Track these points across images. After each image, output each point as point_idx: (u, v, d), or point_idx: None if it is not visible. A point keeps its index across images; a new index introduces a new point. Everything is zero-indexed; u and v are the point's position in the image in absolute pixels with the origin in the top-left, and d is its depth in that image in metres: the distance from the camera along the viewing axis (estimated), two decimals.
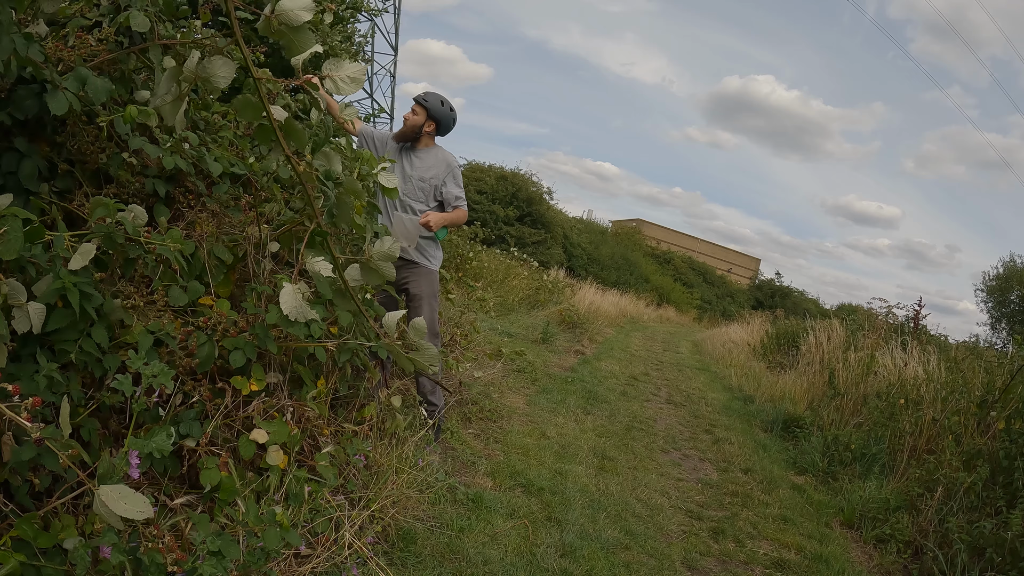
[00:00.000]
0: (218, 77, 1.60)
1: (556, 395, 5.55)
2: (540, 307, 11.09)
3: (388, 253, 1.92)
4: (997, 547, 3.01)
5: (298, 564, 1.94)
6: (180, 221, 2.28)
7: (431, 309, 3.34)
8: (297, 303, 1.79)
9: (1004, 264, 27.25)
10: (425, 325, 2.11)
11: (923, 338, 7.39)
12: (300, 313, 1.83)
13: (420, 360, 2.06)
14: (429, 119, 3.31)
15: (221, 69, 1.60)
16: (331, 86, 1.62)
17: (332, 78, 1.60)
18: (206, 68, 1.59)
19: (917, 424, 4.62)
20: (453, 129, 3.43)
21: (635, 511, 3.35)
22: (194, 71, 1.60)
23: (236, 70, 1.66)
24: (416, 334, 2.10)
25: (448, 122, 3.36)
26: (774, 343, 10.29)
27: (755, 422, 6.22)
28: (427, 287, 3.33)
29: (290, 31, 1.50)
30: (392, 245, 1.94)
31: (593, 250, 22.94)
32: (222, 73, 1.60)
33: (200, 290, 2.06)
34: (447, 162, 3.33)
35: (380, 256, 1.92)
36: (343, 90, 1.62)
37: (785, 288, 33.46)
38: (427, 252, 3.35)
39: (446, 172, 3.31)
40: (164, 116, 1.73)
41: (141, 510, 1.20)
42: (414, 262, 3.31)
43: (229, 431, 2.05)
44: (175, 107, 1.70)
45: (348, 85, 1.61)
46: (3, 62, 1.68)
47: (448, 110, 3.32)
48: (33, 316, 1.50)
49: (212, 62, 1.59)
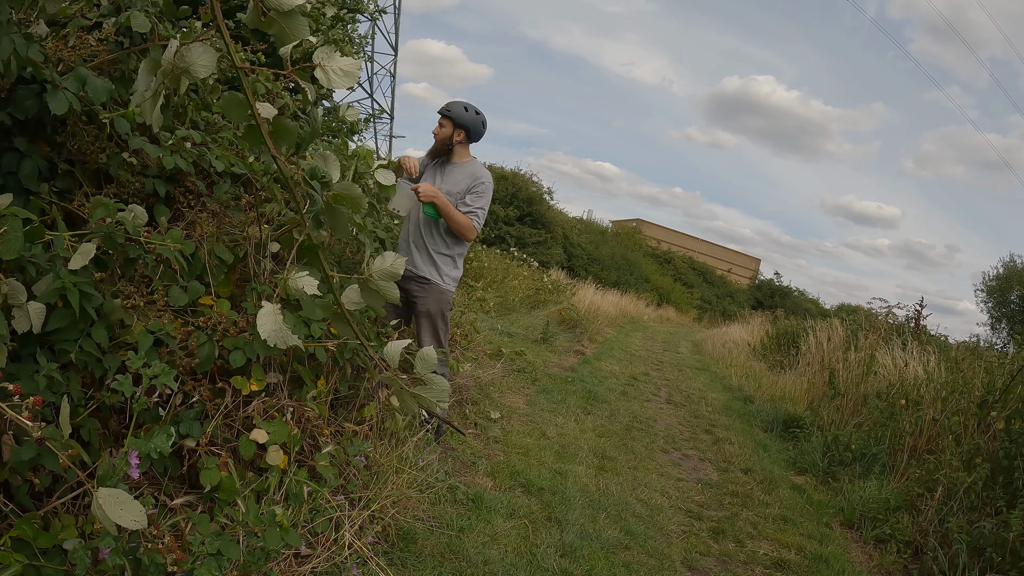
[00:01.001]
0: (197, 66, 1.47)
1: (556, 395, 5.55)
2: (540, 307, 11.10)
3: (390, 271, 1.69)
4: (997, 547, 3.01)
5: (298, 564, 1.94)
6: (180, 221, 2.28)
7: (434, 329, 3.17)
8: (277, 327, 1.55)
9: (1004, 264, 27.25)
10: (435, 356, 1.80)
11: (923, 338, 7.40)
12: (280, 338, 1.56)
13: (426, 396, 1.75)
14: (456, 128, 3.21)
15: (200, 57, 1.47)
16: (322, 77, 1.50)
17: (324, 68, 1.48)
18: (184, 57, 1.47)
19: (917, 424, 4.62)
20: (485, 133, 3.30)
21: (635, 511, 3.35)
22: (172, 61, 1.48)
23: (220, 59, 1.55)
24: (424, 365, 1.80)
25: (476, 126, 3.23)
26: (774, 343, 10.30)
27: (755, 422, 6.22)
28: (435, 305, 3.15)
29: (280, 17, 1.40)
30: (395, 262, 1.70)
31: (593, 250, 22.94)
32: (201, 62, 1.47)
33: (200, 290, 2.06)
34: (474, 175, 3.19)
35: (382, 275, 1.69)
36: (335, 82, 1.49)
37: (785, 288, 33.46)
38: (441, 269, 3.17)
39: (470, 183, 3.17)
40: (143, 115, 1.61)
41: (135, 519, 1.19)
42: (425, 277, 3.15)
43: (229, 431, 2.05)
44: (152, 103, 1.58)
45: (340, 78, 1.49)
46: (3, 62, 1.68)
47: (473, 114, 3.22)
48: (33, 316, 1.50)
49: (191, 50, 1.48)
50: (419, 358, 1.74)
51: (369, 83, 27.87)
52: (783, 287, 33.71)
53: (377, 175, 2.69)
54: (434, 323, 3.16)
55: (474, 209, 3.15)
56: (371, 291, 1.71)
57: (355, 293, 1.73)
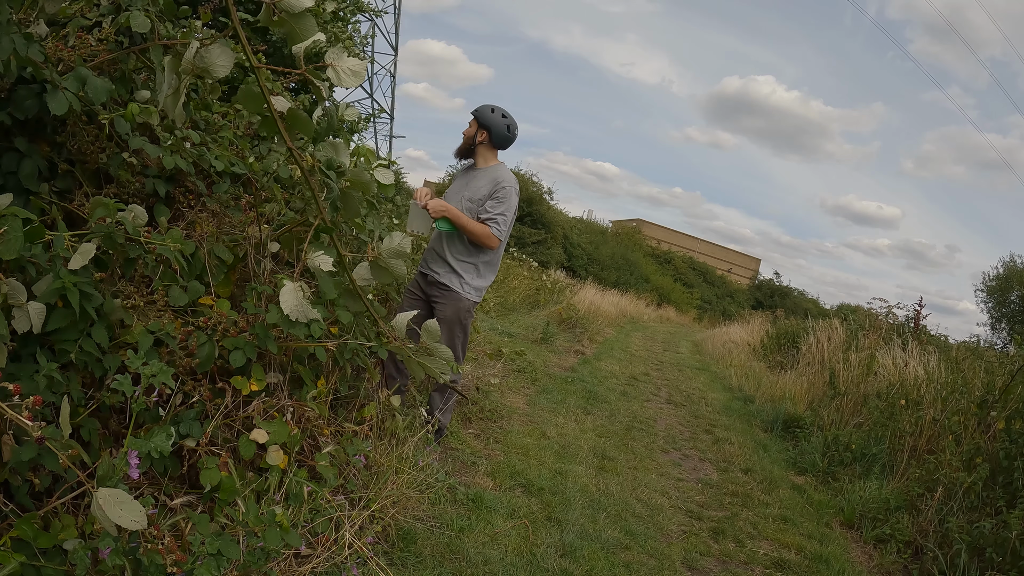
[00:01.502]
0: (216, 66, 1.56)
1: (556, 395, 5.55)
2: (540, 307, 11.10)
3: (398, 249, 1.83)
4: (997, 547, 3.01)
5: (298, 564, 1.94)
6: (180, 221, 2.28)
7: (451, 336, 3.12)
8: (298, 302, 1.73)
9: (1004, 264, 27.25)
10: (439, 328, 1.96)
11: (923, 338, 7.39)
12: (301, 312, 1.77)
13: (431, 366, 1.94)
14: (480, 128, 3.19)
15: (219, 58, 1.56)
16: (333, 76, 1.59)
17: (335, 68, 1.57)
18: (204, 58, 1.56)
19: (917, 424, 4.62)
20: (515, 140, 3.25)
21: (635, 511, 3.35)
22: (192, 61, 1.57)
23: (235, 60, 1.64)
24: (429, 336, 1.98)
25: (500, 128, 3.17)
26: (774, 343, 10.29)
27: (755, 422, 6.22)
28: (452, 312, 3.11)
29: (291, 18, 1.47)
30: (403, 241, 1.84)
31: (593, 250, 22.95)
32: (220, 62, 1.56)
33: (200, 290, 2.06)
34: (495, 179, 3.12)
35: (389, 253, 1.83)
36: (344, 82, 1.59)
37: (784, 288, 33.47)
38: (463, 277, 3.12)
39: (491, 189, 3.09)
40: (166, 111, 1.71)
41: (135, 519, 1.19)
42: (446, 285, 3.11)
43: (229, 431, 2.05)
44: (175, 100, 1.67)
45: (350, 77, 1.59)
46: (3, 62, 1.69)
47: (499, 117, 3.17)
48: (33, 316, 1.50)
49: (210, 51, 1.56)
50: (425, 329, 1.85)
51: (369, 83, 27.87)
52: (782, 287, 33.73)
53: (377, 174, 2.70)
54: (451, 330, 3.13)
55: (494, 216, 3.06)
56: (380, 268, 1.85)
57: (365, 270, 1.86)
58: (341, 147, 1.95)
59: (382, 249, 1.82)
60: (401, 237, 1.80)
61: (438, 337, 1.93)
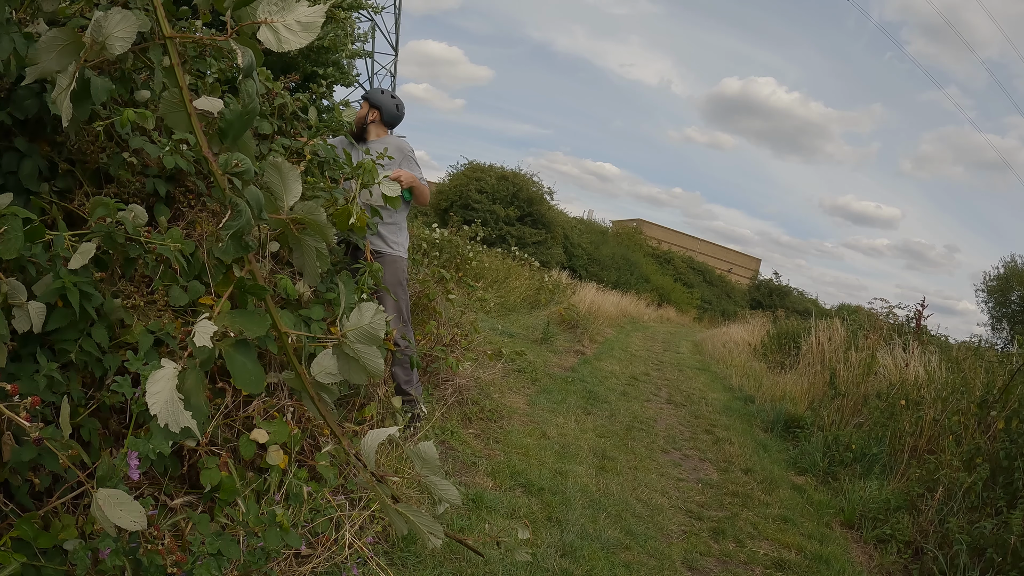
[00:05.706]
0: (114, 39, 1.13)
1: (556, 395, 5.54)
2: (541, 307, 11.09)
3: (370, 331, 1.13)
4: (998, 547, 3.01)
5: (298, 564, 1.94)
6: (180, 221, 2.28)
7: (396, 298, 3.30)
8: (169, 398, 1.05)
9: (1004, 264, 27.22)
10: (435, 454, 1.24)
11: (924, 338, 7.39)
12: (172, 417, 1.04)
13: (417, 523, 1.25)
14: (372, 108, 3.45)
15: (118, 27, 1.13)
16: (269, 37, 1.09)
17: (271, 25, 1.07)
18: (100, 28, 1.13)
19: (918, 424, 4.62)
20: (402, 119, 3.53)
21: (635, 511, 3.35)
22: (91, 36, 1.15)
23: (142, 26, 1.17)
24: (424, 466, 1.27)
25: (390, 107, 3.44)
26: (775, 343, 10.29)
27: (755, 422, 6.22)
28: (390, 276, 3.26)
29: None
30: (375, 317, 1.14)
31: (593, 250, 22.93)
32: (119, 33, 1.13)
33: (200, 290, 2.06)
34: (400, 148, 3.37)
35: (359, 336, 1.14)
36: (288, 41, 1.09)
37: (784, 288, 33.43)
38: (388, 238, 3.33)
39: (401, 157, 3.34)
40: (57, 105, 1.24)
41: (135, 520, 1.18)
42: (378, 252, 3.25)
43: (229, 431, 2.05)
44: (66, 93, 1.22)
45: (296, 34, 1.08)
46: (3, 62, 1.68)
47: (388, 97, 3.45)
48: (33, 316, 1.49)
49: (107, 18, 1.12)
50: (416, 456, 1.22)
51: (369, 83, 27.87)
52: (782, 286, 33.70)
53: (383, 187, 2.65)
54: (396, 293, 3.29)
55: (423, 177, 3.39)
56: (348, 359, 1.18)
57: (329, 361, 1.21)
58: (286, 169, 1.20)
59: (348, 329, 1.15)
60: (373, 311, 1.14)
61: (436, 466, 1.24)
